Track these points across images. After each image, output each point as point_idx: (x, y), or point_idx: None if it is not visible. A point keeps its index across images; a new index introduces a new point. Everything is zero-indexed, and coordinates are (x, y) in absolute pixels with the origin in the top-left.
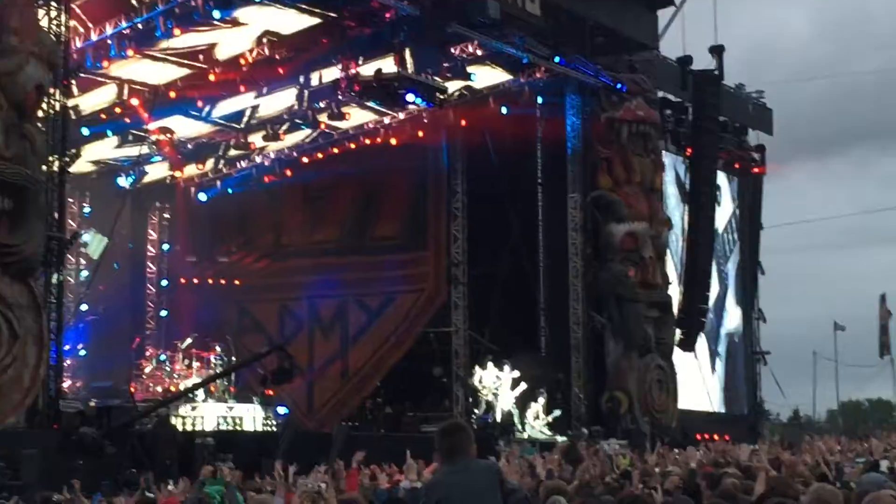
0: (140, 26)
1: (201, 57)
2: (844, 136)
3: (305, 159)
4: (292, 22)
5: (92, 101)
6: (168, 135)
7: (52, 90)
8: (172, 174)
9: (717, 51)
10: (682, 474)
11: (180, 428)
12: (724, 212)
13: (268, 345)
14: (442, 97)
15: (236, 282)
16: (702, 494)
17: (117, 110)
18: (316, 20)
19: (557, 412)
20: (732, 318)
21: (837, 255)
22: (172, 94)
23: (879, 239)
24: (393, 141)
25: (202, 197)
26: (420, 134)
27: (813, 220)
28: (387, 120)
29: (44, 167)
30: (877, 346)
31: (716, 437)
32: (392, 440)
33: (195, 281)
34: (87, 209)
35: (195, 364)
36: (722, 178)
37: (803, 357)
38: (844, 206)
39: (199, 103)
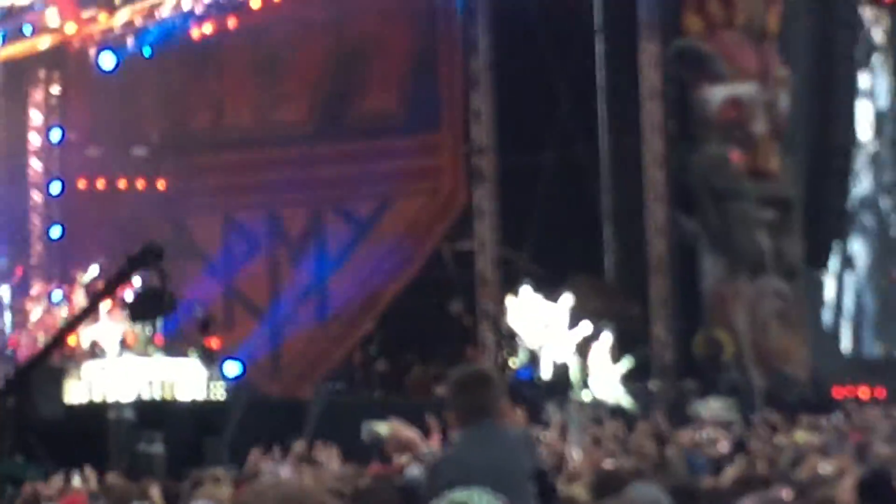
0: None
1: None
2: None
3: (257, 2)
4: None
5: None
6: None
7: None
8: (62, 27)
9: None
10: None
11: (83, 397)
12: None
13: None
14: None
15: (160, 184)
16: None
17: None
18: None
19: (628, 361)
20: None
21: None
22: None
23: None
24: None
25: (107, 62)
26: None
27: None
28: None
29: None
30: None
31: (861, 393)
32: (391, 407)
33: (101, 184)
34: None
35: (104, 304)
36: (868, 14)
37: None
38: None
39: None
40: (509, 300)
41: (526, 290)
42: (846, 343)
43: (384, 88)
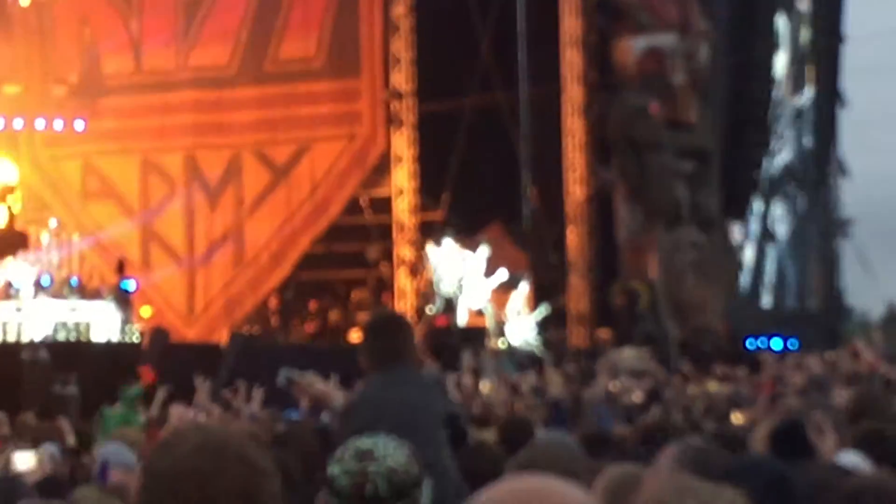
0: None
1: None
2: None
3: None
4: None
5: None
6: None
7: None
8: None
9: None
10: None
11: None
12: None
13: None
14: None
15: (77, 124)
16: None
17: None
18: None
19: (543, 309)
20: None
21: None
22: None
23: None
24: None
25: None
26: None
27: None
28: None
29: None
30: None
31: (774, 343)
32: (308, 354)
33: (17, 124)
34: None
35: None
36: None
37: None
38: None
39: None
40: (428, 248)
41: (443, 239)
42: (766, 300)
43: (304, 33)
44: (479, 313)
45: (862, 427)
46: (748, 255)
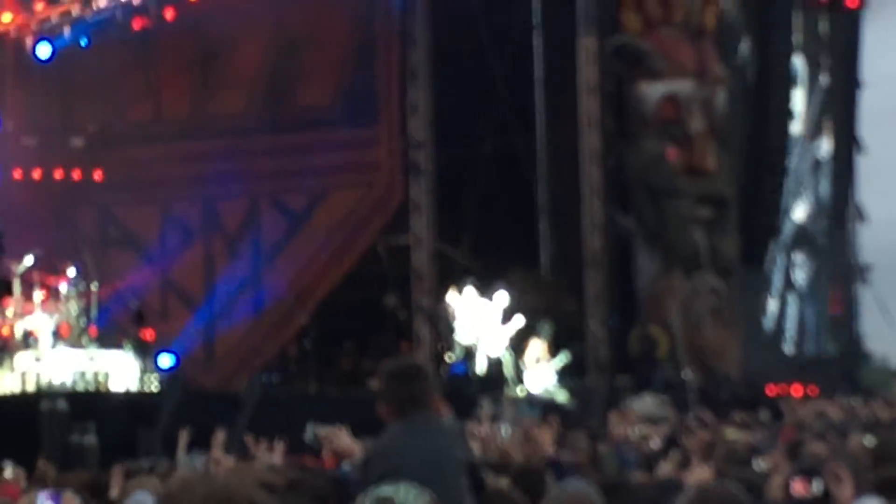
0: None
1: None
2: None
3: None
4: None
5: None
6: None
7: None
8: None
9: None
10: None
11: (15, 387)
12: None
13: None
14: None
15: (96, 175)
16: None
17: None
18: None
19: (563, 355)
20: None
21: None
22: None
23: None
24: None
25: (44, 51)
26: None
27: None
28: None
29: None
30: None
31: (794, 389)
32: (325, 401)
33: (36, 174)
34: None
35: (38, 295)
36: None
37: None
38: None
39: None
40: (449, 296)
41: (461, 287)
42: (788, 348)
43: (321, 81)
44: (498, 361)
45: (883, 473)
46: (771, 306)
